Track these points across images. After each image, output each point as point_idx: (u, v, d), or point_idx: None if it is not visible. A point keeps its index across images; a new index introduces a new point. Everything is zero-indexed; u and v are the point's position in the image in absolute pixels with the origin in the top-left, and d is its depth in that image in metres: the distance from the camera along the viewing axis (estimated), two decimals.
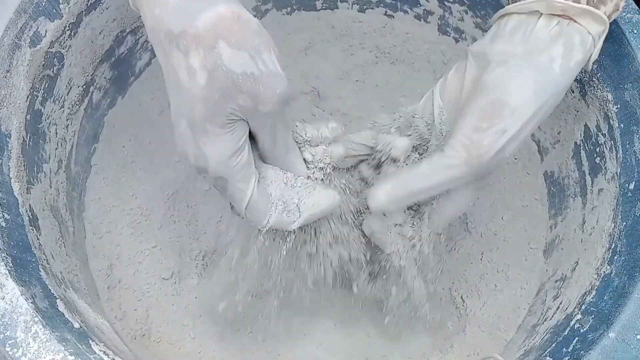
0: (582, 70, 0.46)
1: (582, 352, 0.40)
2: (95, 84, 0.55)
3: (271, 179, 0.40)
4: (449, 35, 0.63)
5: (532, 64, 0.38)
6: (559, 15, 0.39)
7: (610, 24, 0.41)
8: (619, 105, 0.47)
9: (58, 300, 0.40)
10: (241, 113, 0.35)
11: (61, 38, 0.48)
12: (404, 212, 0.45)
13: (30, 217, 0.44)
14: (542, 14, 0.39)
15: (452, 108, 0.42)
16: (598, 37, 0.40)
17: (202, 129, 0.35)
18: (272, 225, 0.40)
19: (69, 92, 0.51)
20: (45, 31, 0.46)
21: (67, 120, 0.52)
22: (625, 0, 0.41)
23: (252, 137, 0.38)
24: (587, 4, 0.38)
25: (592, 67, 0.42)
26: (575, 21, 0.39)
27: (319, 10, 0.65)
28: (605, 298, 0.43)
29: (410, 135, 0.45)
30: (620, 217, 0.46)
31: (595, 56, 0.41)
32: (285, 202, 0.40)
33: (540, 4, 0.39)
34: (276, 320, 0.53)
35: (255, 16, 0.62)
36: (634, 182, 0.45)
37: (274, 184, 0.40)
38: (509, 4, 0.42)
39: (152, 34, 0.35)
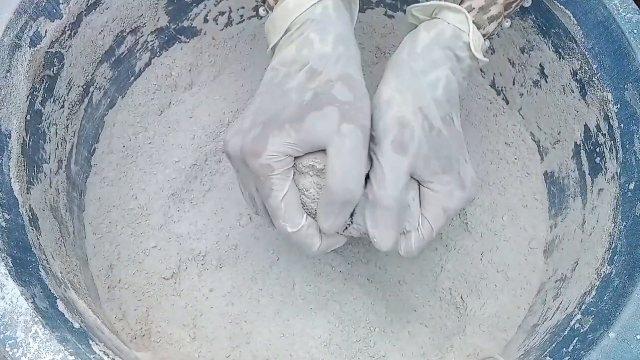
0: (583, 70, 0.46)
1: (582, 352, 0.40)
2: (95, 84, 0.55)
3: None
4: None
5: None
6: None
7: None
8: (619, 105, 0.47)
9: (58, 300, 0.40)
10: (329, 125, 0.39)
11: (61, 38, 0.48)
12: None
13: (30, 217, 0.44)
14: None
15: None
16: (461, 23, 0.42)
17: (281, 125, 0.39)
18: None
19: (69, 92, 0.51)
20: (45, 31, 0.46)
21: (67, 120, 0.52)
22: (510, 22, 0.44)
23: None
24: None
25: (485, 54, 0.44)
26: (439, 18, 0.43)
27: None
28: (605, 298, 0.43)
29: None
30: (620, 217, 0.46)
31: (476, 41, 0.43)
32: None
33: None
34: (274, 320, 0.53)
35: (255, 16, 0.63)
36: (634, 182, 0.45)
37: None
38: None
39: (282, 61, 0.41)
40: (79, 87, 0.53)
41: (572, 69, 0.50)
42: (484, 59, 0.43)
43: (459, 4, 0.43)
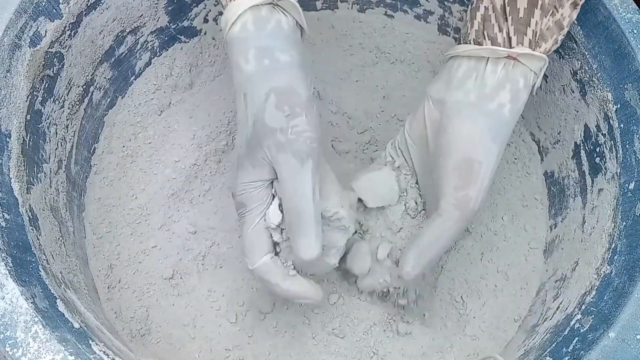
0: (583, 70, 0.46)
1: (582, 352, 0.40)
2: (95, 84, 0.55)
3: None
4: (449, 35, 0.63)
5: (485, 113, 0.43)
6: (504, 57, 0.43)
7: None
8: (619, 105, 0.47)
9: (58, 300, 0.40)
10: (270, 157, 0.41)
11: (61, 38, 0.48)
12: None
13: (30, 217, 0.44)
14: (488, 58, 0.43)
15: (420, 143, 0.48)
16: (539, 70, 0.44)
17: (241, 163, 0.43)
18: (261, 272, 0.44)
19: (69, 92, 0.51)
20: (45, 31, 0.46)
21: (67, 120, 0.52)
22: (563, 35, 0.44)
23: None
24: (529, 46, 0.43)
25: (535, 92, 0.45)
26: (518, 61, 0.43)
27: (319, 10, 0.65)
28: (605, 298, 0.43)
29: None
30: (620, 217, 0.46)
31: (537, 85, 0.44)
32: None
33: (487, 50, 0.43)
34: (274, 320, 0.53)
35: None
36: (634, 182, 0.45)
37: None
38: (459, 43, 0.46)
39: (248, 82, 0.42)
40: (79, 87, 0.53)
41: (572, 69, 0.50)
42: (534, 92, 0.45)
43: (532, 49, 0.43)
